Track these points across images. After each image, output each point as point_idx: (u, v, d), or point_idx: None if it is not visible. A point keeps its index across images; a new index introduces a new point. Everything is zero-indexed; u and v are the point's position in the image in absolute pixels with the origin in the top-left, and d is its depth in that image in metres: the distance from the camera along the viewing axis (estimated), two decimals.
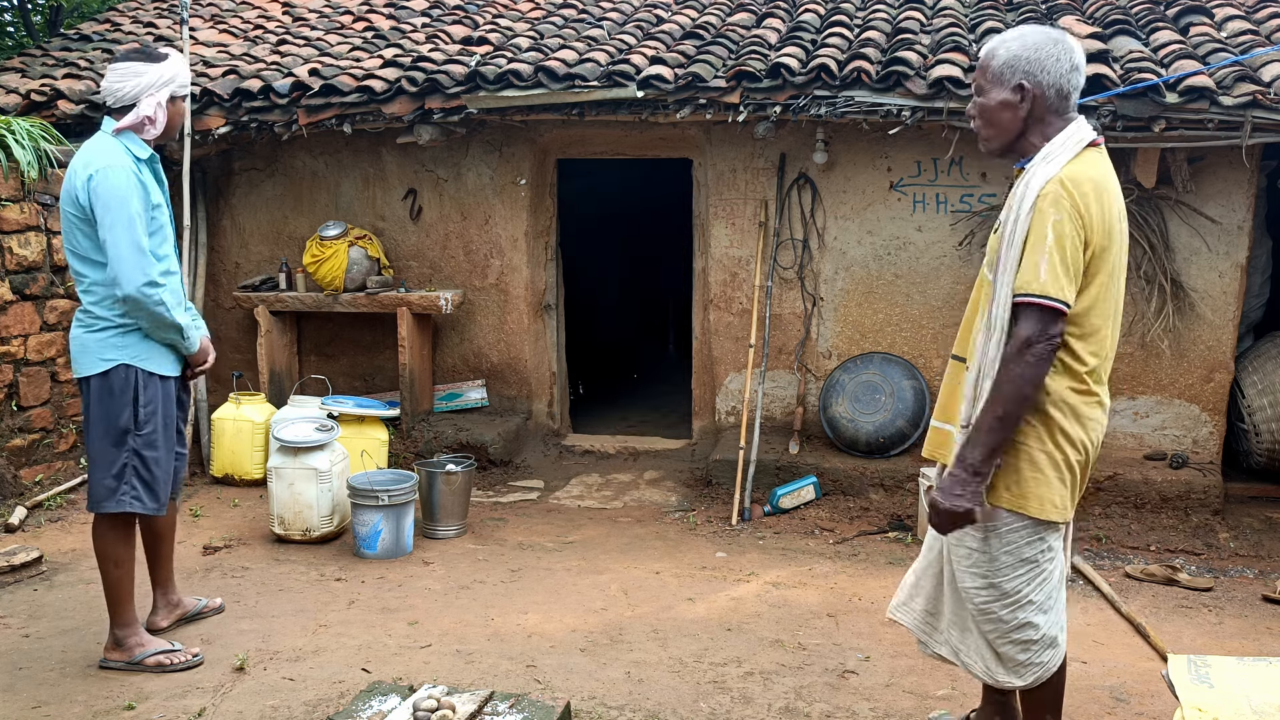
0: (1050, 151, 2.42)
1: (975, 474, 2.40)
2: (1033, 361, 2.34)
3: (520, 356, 6.27)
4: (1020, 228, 2.38)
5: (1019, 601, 2.54)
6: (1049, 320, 2.34)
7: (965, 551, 2.60)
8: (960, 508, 2.40)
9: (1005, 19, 5.84)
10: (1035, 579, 2.54)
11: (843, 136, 5.59)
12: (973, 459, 2.39)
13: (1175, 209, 5.23)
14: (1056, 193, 2.35)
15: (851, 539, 4.96)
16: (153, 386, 3.37)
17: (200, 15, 7.32)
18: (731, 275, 5.92)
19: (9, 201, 5.14)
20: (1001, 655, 2.60)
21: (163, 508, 3.46)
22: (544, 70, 5.43)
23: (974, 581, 2.58)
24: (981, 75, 2.52)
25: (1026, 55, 2.43)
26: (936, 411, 2.76)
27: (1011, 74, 2.44)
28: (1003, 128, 2.50)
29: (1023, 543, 2.51)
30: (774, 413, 5.90)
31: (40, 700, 3.26)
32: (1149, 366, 5.41)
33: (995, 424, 2.37)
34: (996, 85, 2.47)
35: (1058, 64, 2.43)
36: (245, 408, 5.62)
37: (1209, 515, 5.02)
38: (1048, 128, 2.46)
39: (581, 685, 3.39)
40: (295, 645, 3.68)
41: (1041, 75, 2.43)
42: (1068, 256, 2.34)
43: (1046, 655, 2.59)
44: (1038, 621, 2.55)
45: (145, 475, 3.37)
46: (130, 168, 3.27)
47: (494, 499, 5.54)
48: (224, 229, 6.50)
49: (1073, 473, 2.49)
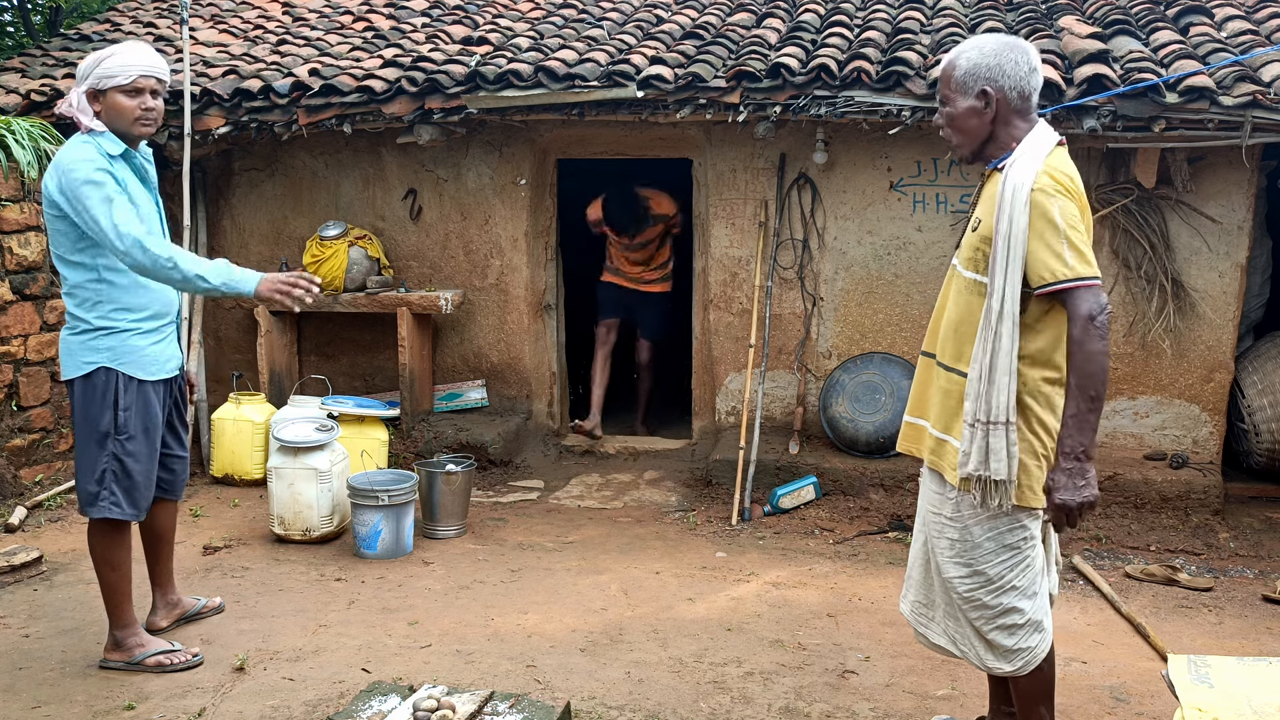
0: (1027, 148, 2.52)
1: (1090, 459, 2.45)
2: (1101, 334, 2.41)
3: (520, 356, 6.27)
4: (1018, 222, 2.44)
5: (1002, 587, 2.60)
6: (1097, 293, 2.42)
7: (947, 543, 2.66)
8: (1091, 498, 2.44)
9: (1005, 19, 5.84)
10: (1018, 565, 2.60)
11: (843, 136, 5.59)
12: (1082, 446, 2.44)
13: (1175, 209, 5.23)
14: (1049, 183, 2.45)
15: (851, 539, 4.96)
16: (132, 391, 3.33)
17: (200, 15, 7.32)
18: (731, 275, 5.92)
19: (9, 201, 5.14)
20: (990, 642, 2.65)
21: (141, 514, 3.43)
22: (544, 70, 5.43)
23: (958, 571, 2.64)
24: (946, 86, 2.63)
25: (985, 62, 2.55)
26: (909, 406, 2.84)
27: (974, 81, 2.56)
28: (971, 133, 2.61)
29: (1004, 529, 2.58)
30: (774, 413, 5.90)
31: (40, 700, 3.26)
32: (1149, 366, 5.41)
33: (1092, 405, 2.43)
34: (960, 94, 2.59)
35: (1016, 67, 2.55)
36: (245, 408, 5.62)
37: (1209, 515, 5.01)
38: (1013, 129, 2.58)
39: (581, 685, 3.39)
40: (295, 645, 3.68)
41: (1002, 79, 2.55)
42: (1082, 235, 2.44)
43: (1034, 639, 2.63)
44: (1022, 606, 2.61)
45: (124, 481, 3.35)
46: (97, 161, 3.22)
47: (494, 499, 5.54)
48: (224, 229, 6.49)
49: (1049, 460, 2.55)
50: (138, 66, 3.29)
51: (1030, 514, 2.58)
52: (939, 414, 2.68)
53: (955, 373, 2.62)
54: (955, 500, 2.63)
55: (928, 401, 2.74)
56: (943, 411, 2.66)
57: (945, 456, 2.65)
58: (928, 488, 2.77)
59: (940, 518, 2.68)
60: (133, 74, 3.29)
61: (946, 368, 2.65)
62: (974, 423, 2.51)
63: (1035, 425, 2.53)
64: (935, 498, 2.71)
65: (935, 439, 2.68)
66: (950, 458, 2.62)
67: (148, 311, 3.38)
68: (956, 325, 2.63)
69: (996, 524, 2.58)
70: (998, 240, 2.47)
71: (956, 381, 2.61)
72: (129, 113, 3.31)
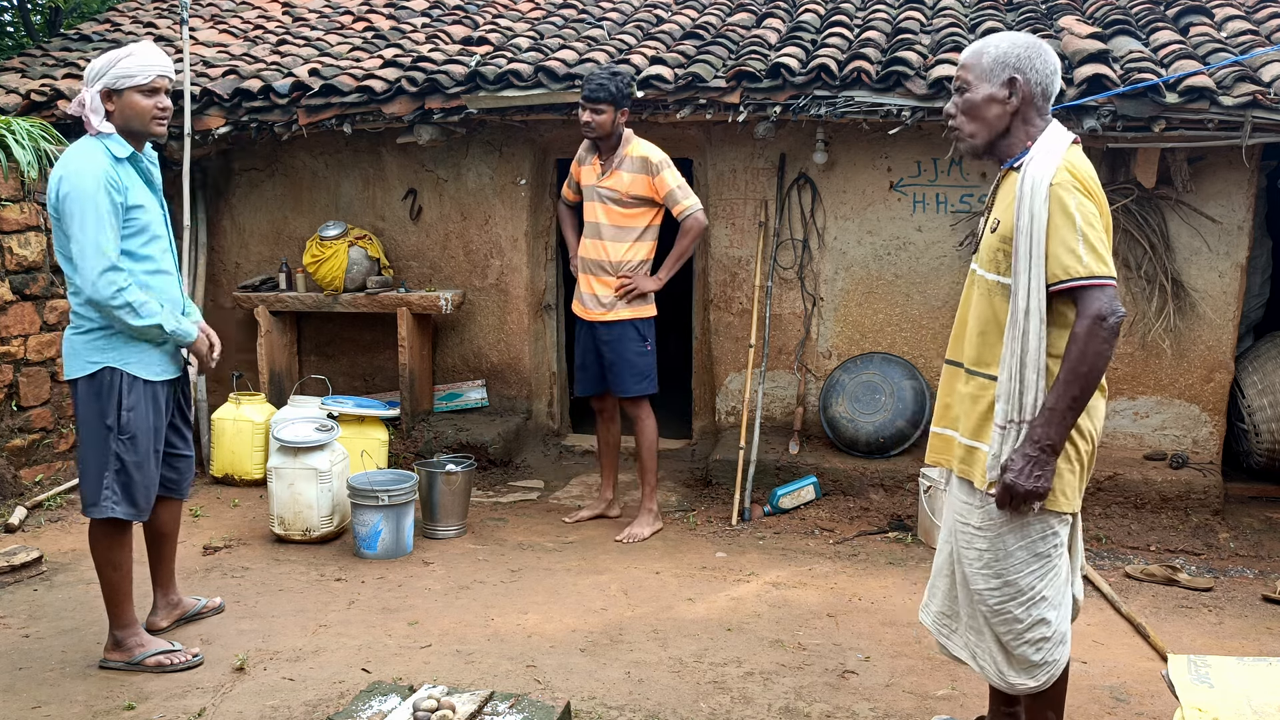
0: (1045, 145, 2.47)
1: (1055, 453, 2.43)
2: (1106, 338, 2.38)
3: (520, 356, 6.27)
4: (1039, 218, 2.40)
5: (1033, 598, 2.54)
6: (1111, 294, 2.38)
7: (976, 554, 2.59)
8: (1043, 488, 2.42)
9: (1005, 19, 5.84)
10: (1047, 574, 2.55)
11: (843, 137, 5.59)
12: (1050, 440, 2.41)
13: (1175, 209, 5.23)
14: (1069, 179, 2.40)
15: (851, 539, 4.96)
16: (137, 391, 3.33)
17: (200, 15, 7.32)
18: (731, 275, 5.92)
19: (9, 201, 5.14)
20: (1015, 657, 2.59)
21: (143, 514, 3.42)
22: (544, 70, 5.43)
23: (987, 583, 2.58)
24: (967, 72, 2.56)
25: (1017, 53, 2.50)
26: (936, 417, 2.77)
27: (1003, 69, 2.50)
28: (988, 123, 2.54)
29: (1036, 537, 2.52)
30: (774, 413, 5.90)
31: (40, 700, 3.26)
32: (1149, 366, 5.41)
33: (1073, 404, 2.40)
34: (985, 80, 2.52)
35: (1045, 64, 2.51)
36: (245, 408, 5.62)
37: (1209, 515, 5.01)
38: (1031, 127, 2.53)
39: (581, 685, 3.39)
40: (295, 645, 3.68)
41: (1031, 73, 2.50)
42: (1099, 233, 2.40)
43: (1058, 653, 2.59)
44: (1050, 618, 2.56)
45: (125, 480, 3.34)
46: (102, 169, 3.22)
47: (494, 499, 5.54)
48: (224, 229, 6.50)
49: (1081, 464, 2.52)
50: (156, 67, 3.32)
51: (1060, 519, 2.53)
52: (967, 420, 2.61)
53: (983, 376, 2.56)
54: (984, 508, 2.56)
55: (954, 410, 2.68)
56: (971, 417, 2.60)
57: (975, 463, 2.58)
58: (955, 497, 2.69)
59: (969, 528, 2.61)
60: (151, 74, 3.31)
61: (973, 372, 2.59)
62: (1005, 424, 2.46)
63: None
64: (964, 507, 2.64)
65: (965, 446, 2.62)
66: (981, 464, 2.55)
67: None
68: (981, 329, 2.57)
69: (1028, 531, 2.51)
70: (1019, 237, 2.42)
71: (985, 386, 2.55)
72: (146, 112, 3.32)
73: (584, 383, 5.09)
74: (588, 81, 4.65)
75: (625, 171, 4.72)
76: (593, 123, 4.63)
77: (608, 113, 4.62)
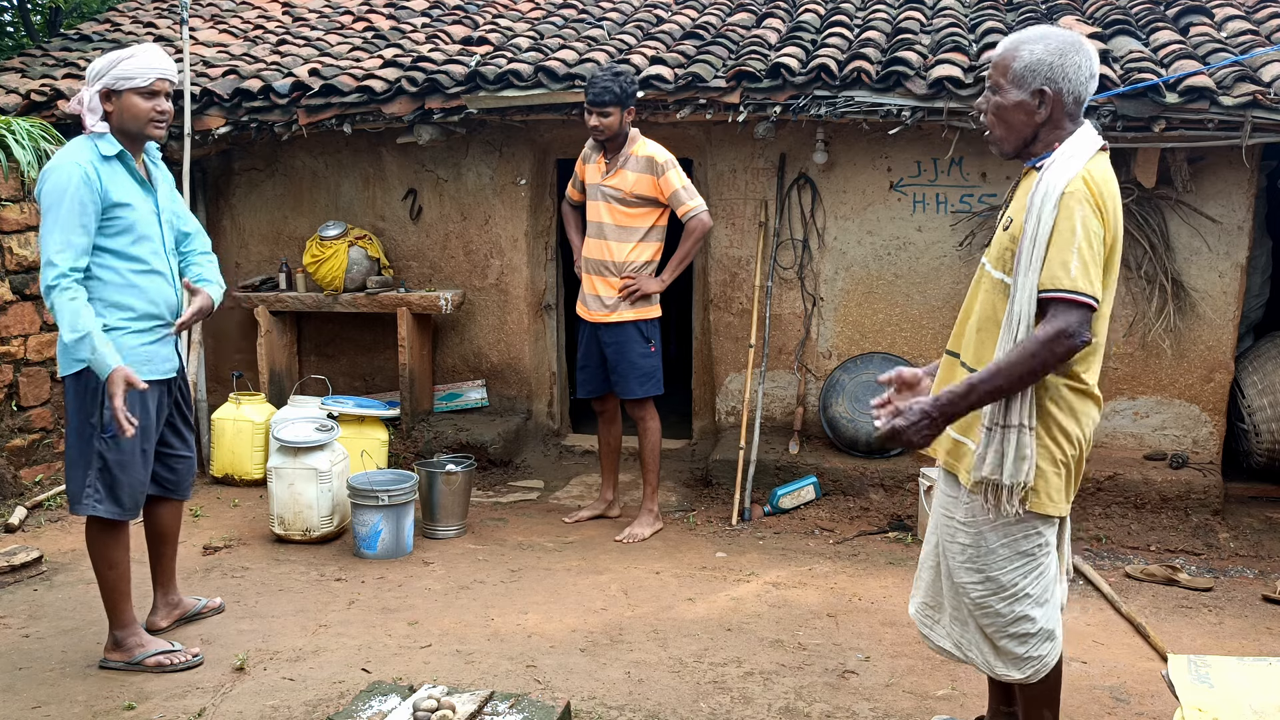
0: (1069, 150, 2.43)
1: (949, 420, 2.44)
2: (1058, 353, 2.34)
3: (520, 356, 6.27)
4: (1045, 224, 2.38)
5: (1015, 595, 2.55)
6: (1085, 317, 2.35)
7: (959, 548, 2.61)
8: (920, 442, 2.44)
9: (1005, 19, 5.84)
10: (1031, 572, 2.55)
11: (843, 136, 5.59)
12: (954, 409, 2.43)
13: (1175, 209, 5.23)
14: (1082, 190, 2.37)
15: (851, 539, 4.96)
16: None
17: (200, 15, 7.32)
18: (731, 275, 5.92)
19: (9, 201, 5.14)
20: (1000, 649, 2.61)
21: (129, 514, 3.40)
22: (544, 70, 5.43)
23: (970, 576, 2.59)
24: (1000, 74, 2.50)
25: (1050, 61, 2.43)
26: None
27: (1033, 78, 2.44)
28: (1015, 130, 2.51)
29: (1019, 535, 2.53)
30: (774, 413, 5.90)
31: (40, 700, 3.26)
32: (1149, 366, 5.41)
33: (993, 392, 2.40)
34: (1015, 87, 2.46)
35: (1079, 71, 2.44)
36: (245, 408, 5.62)
37: (1209, 515, 5.01)
38: (1061, 131, 2.48)
39: (581, 685, 3.39)
40: (295, 645, 3.68)
41: (1063, 82, 2.43)
42: (1095, 252, 2.36)
43: (1044, 649, 2.59)
44: (1034, 614, 2.56)
45: (108, 479, 3.34)
46: (80, 166, 3.21)
47: (494, 499, 5.54)
48: (224, 229, 6.49)
49: (1068, 468, 2.51)
50: (156, 70, 3.32)
51: (1046, 521, 2.52)
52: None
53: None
54: (968, 504, 2.57)
55: None
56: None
57: (961, 458, 2.59)
58: (941, 490, 2.71)
59: (953, 521, 2.62)
60: (151, 77, 3.31)
61: (969, 368, 2.59)
62: (992, 426, 2.46)
63: (1055, 431, 2.47)
64: (949, 500, 2.65)
65: (952, 440, 2.62)
66: (966, 460, 2.56)
67: (138, 311, 3.36)
68: (980, 325, 2.57)
69: (1011, 530, 2.52)
70: (1024, 240, 2.41)
71: None
72: (144, 115, 3.32)
73: (585, 384, 5.07)
74: (591, 85, 4.64)
75: (630, 170, 4.72)
76: (601, 126, 4.64)
77: (614, 114, 4.63)
